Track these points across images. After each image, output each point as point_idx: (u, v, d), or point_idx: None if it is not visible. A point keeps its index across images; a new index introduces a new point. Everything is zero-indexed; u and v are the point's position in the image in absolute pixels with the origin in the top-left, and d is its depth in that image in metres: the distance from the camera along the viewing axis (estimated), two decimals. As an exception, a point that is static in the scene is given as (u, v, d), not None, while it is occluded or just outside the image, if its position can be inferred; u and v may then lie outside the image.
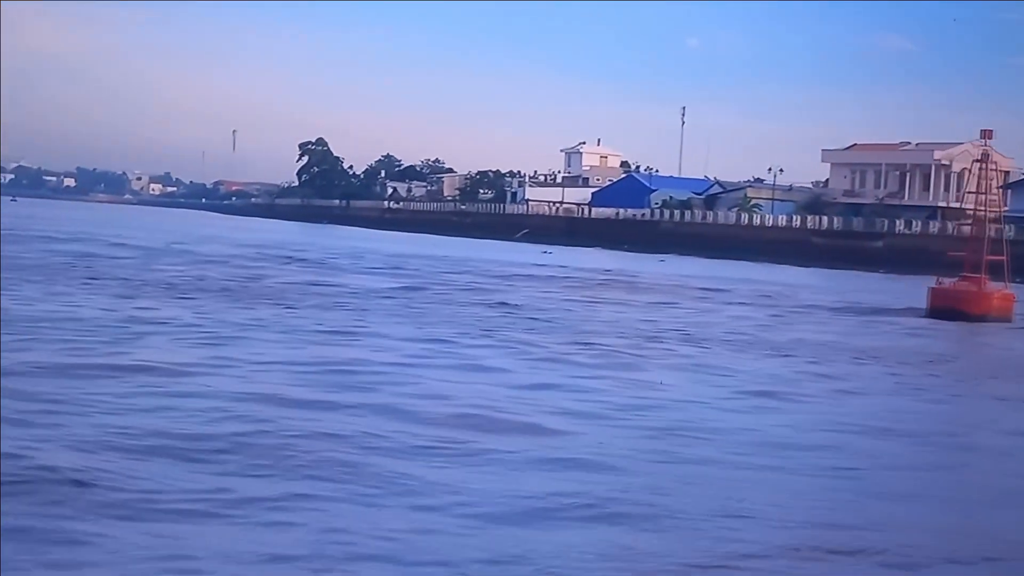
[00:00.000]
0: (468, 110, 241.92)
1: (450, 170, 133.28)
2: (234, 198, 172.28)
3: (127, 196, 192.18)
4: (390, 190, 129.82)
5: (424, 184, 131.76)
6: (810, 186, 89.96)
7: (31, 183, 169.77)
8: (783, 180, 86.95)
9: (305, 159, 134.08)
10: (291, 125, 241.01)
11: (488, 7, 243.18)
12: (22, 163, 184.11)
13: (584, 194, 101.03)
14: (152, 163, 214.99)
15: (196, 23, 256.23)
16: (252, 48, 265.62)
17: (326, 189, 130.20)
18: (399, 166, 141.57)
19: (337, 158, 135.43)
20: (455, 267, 39.02)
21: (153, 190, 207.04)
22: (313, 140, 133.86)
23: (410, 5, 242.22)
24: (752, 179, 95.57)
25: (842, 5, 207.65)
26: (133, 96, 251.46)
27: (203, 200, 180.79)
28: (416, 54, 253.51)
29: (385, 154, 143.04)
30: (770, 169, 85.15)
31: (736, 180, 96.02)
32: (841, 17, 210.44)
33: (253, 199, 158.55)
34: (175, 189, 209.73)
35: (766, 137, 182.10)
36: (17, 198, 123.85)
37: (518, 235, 78.69)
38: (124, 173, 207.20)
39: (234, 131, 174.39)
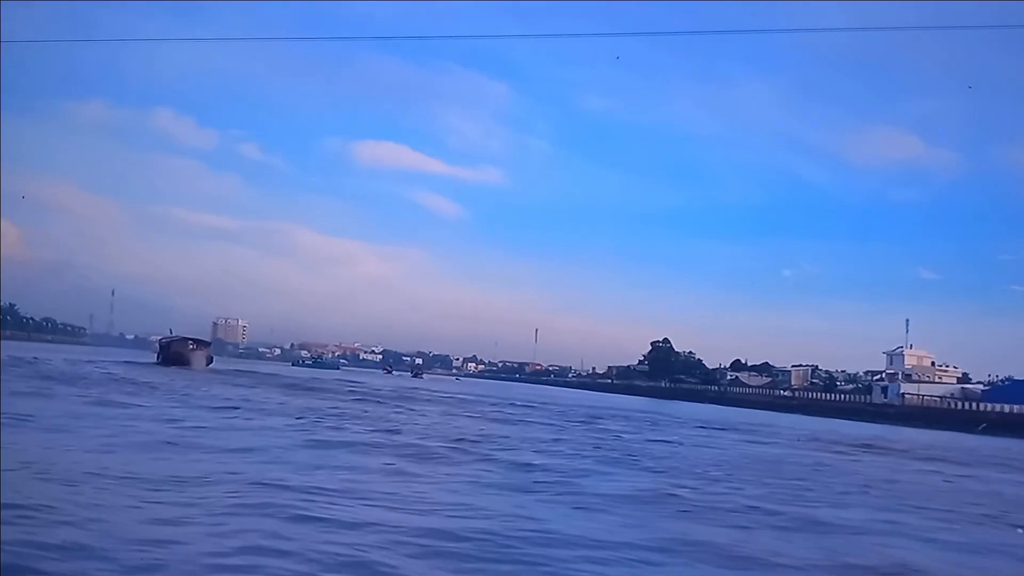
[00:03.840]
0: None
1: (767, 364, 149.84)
2: (552, 375, 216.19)
3: (453, 370, 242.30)
4: (729, 377, 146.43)
5: (757, 374, 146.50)
6: None
7: (395, 363, 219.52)
8: None
9: (652, 351, 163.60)
10: (573, 322, 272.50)
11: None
12: (385, 348, 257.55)
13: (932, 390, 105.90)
14: (461, 348, 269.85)
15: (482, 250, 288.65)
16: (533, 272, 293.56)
17: (666, 373, 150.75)
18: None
19: (679, 352, 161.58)
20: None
21: (469, 367, 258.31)
22: (661, 339, 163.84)
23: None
24: None
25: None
26: (434, 305, 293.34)
27: (516, 376, 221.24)
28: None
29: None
30: None
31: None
32: None
33: (600, 377, 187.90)
34: (484, 367, 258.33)
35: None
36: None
37: (979, 428, 79.00)
38: (448, 355, 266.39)
39: (536, 329, 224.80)
